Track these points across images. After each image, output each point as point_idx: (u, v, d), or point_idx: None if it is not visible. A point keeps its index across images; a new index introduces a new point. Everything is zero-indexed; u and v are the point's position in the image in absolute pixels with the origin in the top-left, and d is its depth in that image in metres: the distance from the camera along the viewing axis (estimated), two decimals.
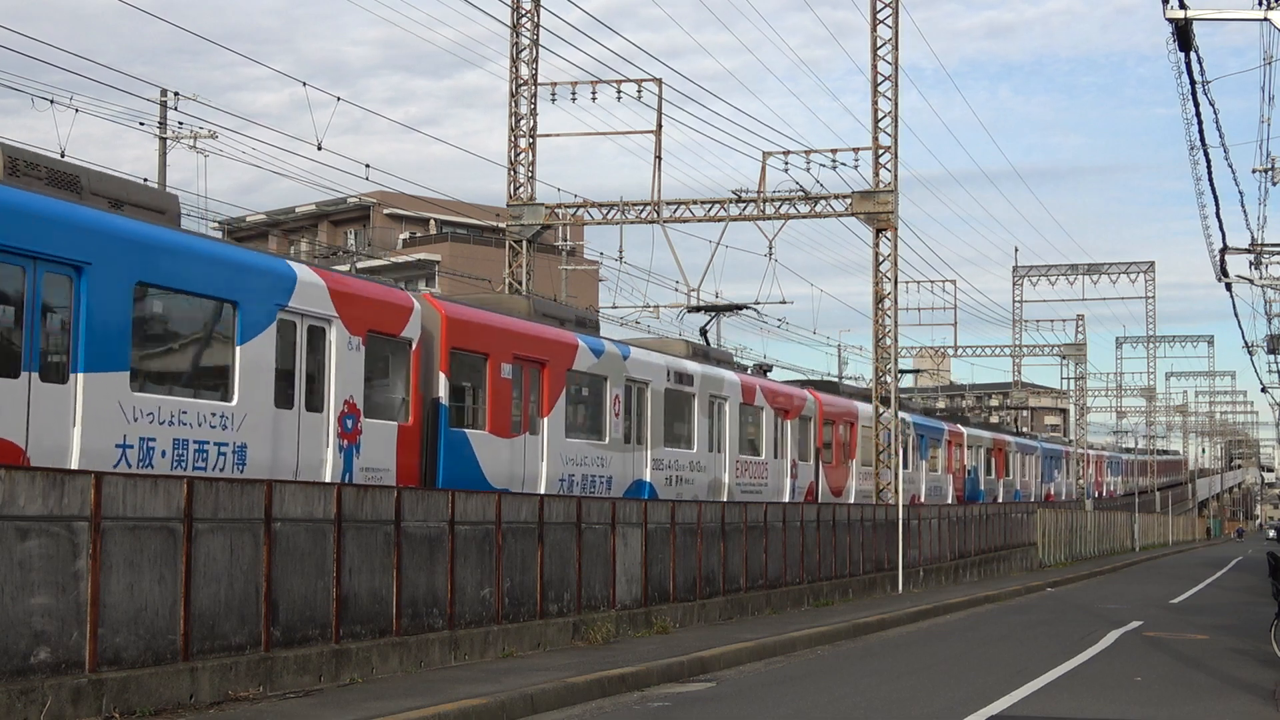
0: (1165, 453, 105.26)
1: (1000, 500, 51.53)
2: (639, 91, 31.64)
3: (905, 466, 36.67)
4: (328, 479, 16.31)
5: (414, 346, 18.50)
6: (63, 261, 13.17)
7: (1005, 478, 55.15)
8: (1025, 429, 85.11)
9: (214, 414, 14.86)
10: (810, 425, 33.24)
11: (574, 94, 32.06)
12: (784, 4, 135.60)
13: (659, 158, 31.81)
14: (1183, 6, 15.68)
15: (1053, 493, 65.68)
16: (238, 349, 15.35)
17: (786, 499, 30.53)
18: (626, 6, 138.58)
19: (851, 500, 34.61)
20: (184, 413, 14.46)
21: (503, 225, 34.26)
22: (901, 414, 35.24)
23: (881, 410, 32.85)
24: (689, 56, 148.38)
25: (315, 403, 16.59)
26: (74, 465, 12.93)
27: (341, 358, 16.94)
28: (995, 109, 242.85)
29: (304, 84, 25.85)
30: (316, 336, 16.68)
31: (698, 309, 34.35)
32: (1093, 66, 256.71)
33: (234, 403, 15.21)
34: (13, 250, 12.70)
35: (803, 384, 37.19)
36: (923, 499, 40.17)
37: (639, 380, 24.54)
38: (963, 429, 49.05)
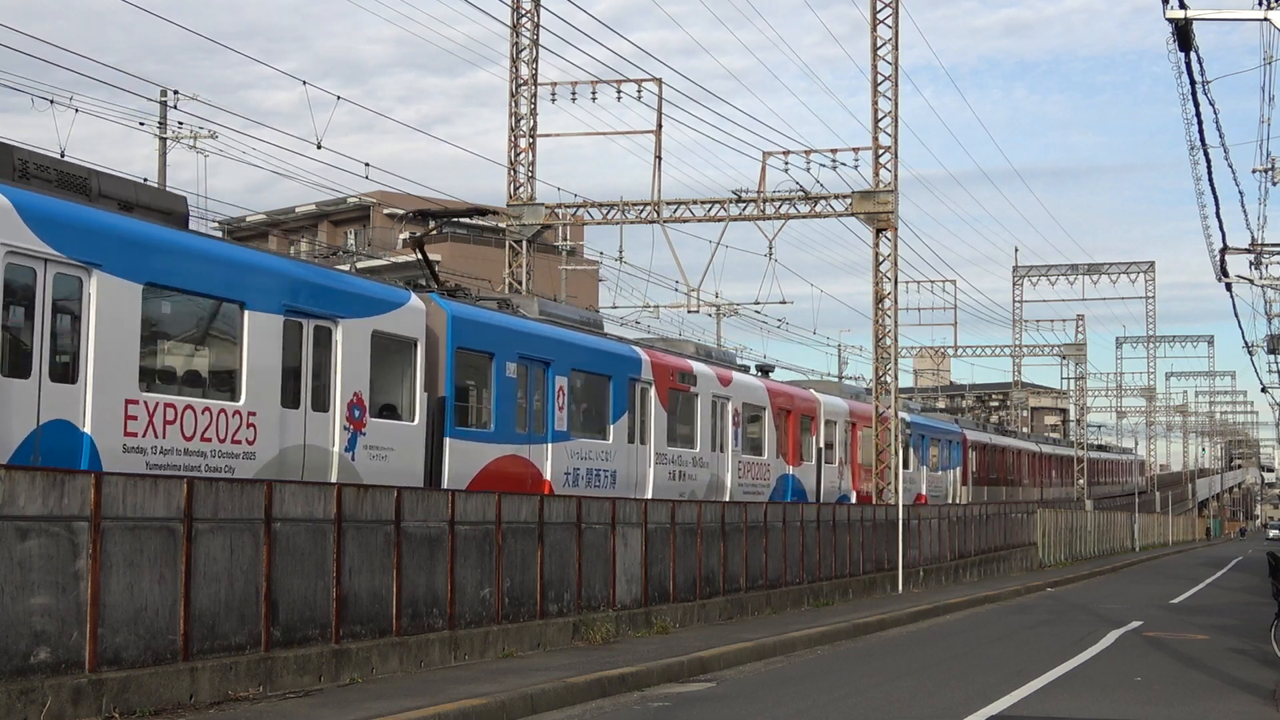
0: (1104, 448, 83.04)
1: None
2: (639, 92, 31.67)
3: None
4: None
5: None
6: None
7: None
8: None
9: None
10: None
11: (574, 94, 32.12)
12: (797, 3, 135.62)
13: (659, 158, 31.83)
14: (1183, 6, 15.68)
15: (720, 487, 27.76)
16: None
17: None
18: (635, 5, 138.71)
19: None
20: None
21: (503, 225, 34.26)
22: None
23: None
24: (695, 57, 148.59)
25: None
26: None
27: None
28: (1011, 107, 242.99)
29: (304, 83, 25.85)
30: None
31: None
32: (1110, 65, 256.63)
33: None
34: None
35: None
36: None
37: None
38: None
